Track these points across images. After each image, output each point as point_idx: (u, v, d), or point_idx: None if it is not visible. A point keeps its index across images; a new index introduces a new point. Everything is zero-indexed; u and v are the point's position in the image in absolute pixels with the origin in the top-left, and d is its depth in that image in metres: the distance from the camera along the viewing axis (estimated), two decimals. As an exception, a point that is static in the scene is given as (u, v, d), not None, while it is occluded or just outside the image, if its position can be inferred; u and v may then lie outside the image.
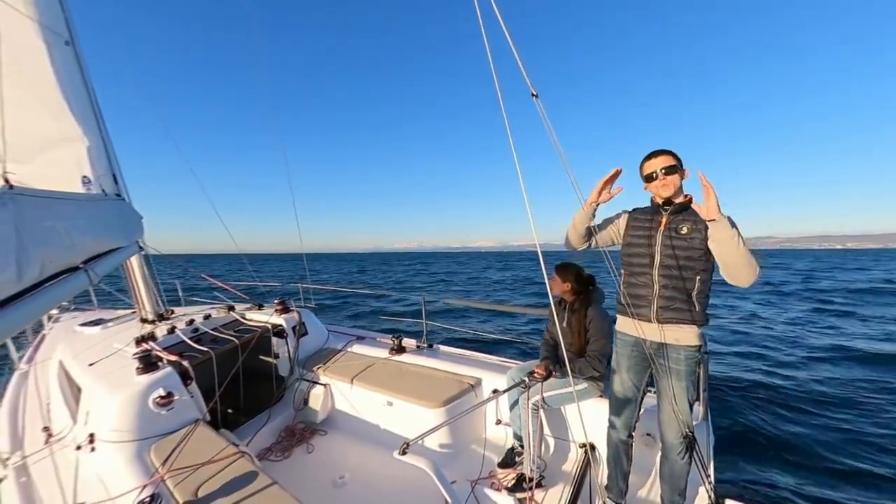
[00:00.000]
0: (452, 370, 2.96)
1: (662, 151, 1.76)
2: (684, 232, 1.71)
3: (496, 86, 1.20)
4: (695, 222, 1.70)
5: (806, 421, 4.91)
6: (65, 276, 1.66)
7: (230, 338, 2.81)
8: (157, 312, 3.33)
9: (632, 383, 1.89)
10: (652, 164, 1.77)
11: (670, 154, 1.74)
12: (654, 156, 1.77)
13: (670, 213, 1.77)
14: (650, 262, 1.78)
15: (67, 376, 2.50)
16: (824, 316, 11.56)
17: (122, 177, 2.98)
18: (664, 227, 1.76)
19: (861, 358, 7.24)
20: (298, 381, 3.11)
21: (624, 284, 1.89)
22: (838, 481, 3.64)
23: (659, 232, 1.77)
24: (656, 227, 1.80)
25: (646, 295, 1.79)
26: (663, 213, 1.80)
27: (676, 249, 1.72)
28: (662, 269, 1.75)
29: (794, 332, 9.45)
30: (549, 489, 2.22)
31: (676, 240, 1.72)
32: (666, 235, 1.74)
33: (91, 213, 2.14)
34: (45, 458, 2.02)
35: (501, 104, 1.21)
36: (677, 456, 1.80)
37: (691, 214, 1.73)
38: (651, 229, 1.81)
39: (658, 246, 1.76)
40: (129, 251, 2.55)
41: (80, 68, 2.65)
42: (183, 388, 2.19)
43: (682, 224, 1.73)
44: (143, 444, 1.89)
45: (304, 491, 2.21)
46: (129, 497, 1.55)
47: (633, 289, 1.84)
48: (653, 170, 1.76)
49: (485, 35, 1.22)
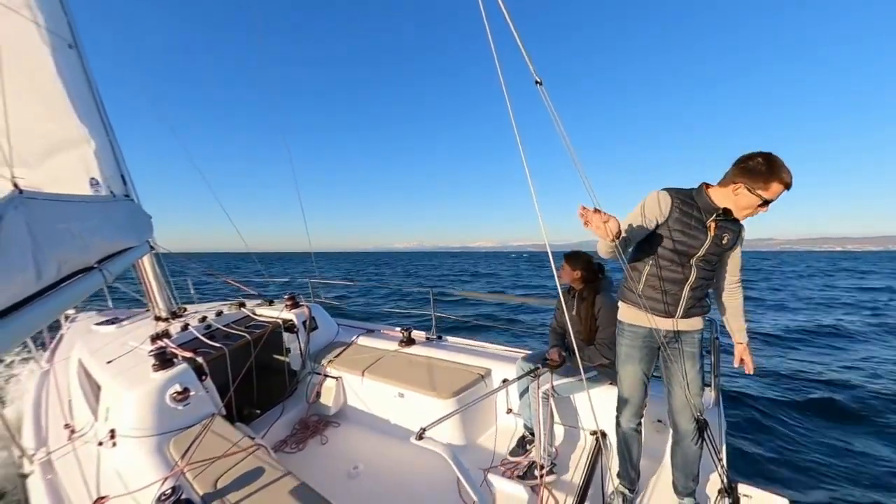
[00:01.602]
0: (462, 361, 2.98)
1: (791, 180, 1.48)
2: (724, 242, 1.67)
3: (498, 73, 1.19)
4: (733, 231, 1.68)
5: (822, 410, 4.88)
6: (80, 276, 1.70)
7: (242, 334, 2.85)
8: (170, 310, 3.39)
9: (642, 373, 1.88)
10: (780, 192, 1.49)
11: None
12: (788, 185, 1.47)
13: (721, 221, 1.66)
14: (688, 263, 1.70)
15: (87, 374, 2.56)
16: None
17: (130, 178, 3.02)
18: (713, 235, 1.66)
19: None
20: (310, 375, 3.16)
21: (649, 276, 1.77)
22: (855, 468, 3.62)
23: (708, 238, 1.65)
24: (703, 230, 1.65)
25: (675, 292, 1.73)
26: (714, 218, 1.64)
27: (714, 256, 1.70)
28: (700, 272, 1.70)
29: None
30: (560, 476, 2.24)
31: (718, 247, 1.68)
32: (713, 242, 1.66)
33: (101, 214, 2.18)
34: (68, 453, 2.09)
35: (505, 91, 1.19)
36: (690, 442, 1.80)
37: (730, 223, 1.67)
38: (698, 230, 1.65)
39: (703, 251, 1.67)
40: (140, 251, 2.59)
41: (84, 71, 2.67)
42: (198, 383, 2.23)
43: (726, 233, 1.66)
44: (163, 438, 1.94)
45: (320, 481, 2.26)
46: (151, 490, 1.59)
47: (660, 283, 1.75)
48: (773, 200, 1.51)
49: (486, 21, 1.20)
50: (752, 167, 1.47)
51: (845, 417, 4.54)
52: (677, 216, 1.65)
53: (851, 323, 9.76)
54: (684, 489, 1.89)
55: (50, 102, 2.46)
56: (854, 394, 5.06)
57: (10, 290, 1.20)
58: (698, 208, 1.64)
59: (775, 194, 1.48)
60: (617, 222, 1.35)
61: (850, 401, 4.84)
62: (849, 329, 8.96)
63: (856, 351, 7.29)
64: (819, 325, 9.36)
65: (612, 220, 1.33)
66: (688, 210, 1.65)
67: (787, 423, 4.44)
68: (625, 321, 1.90)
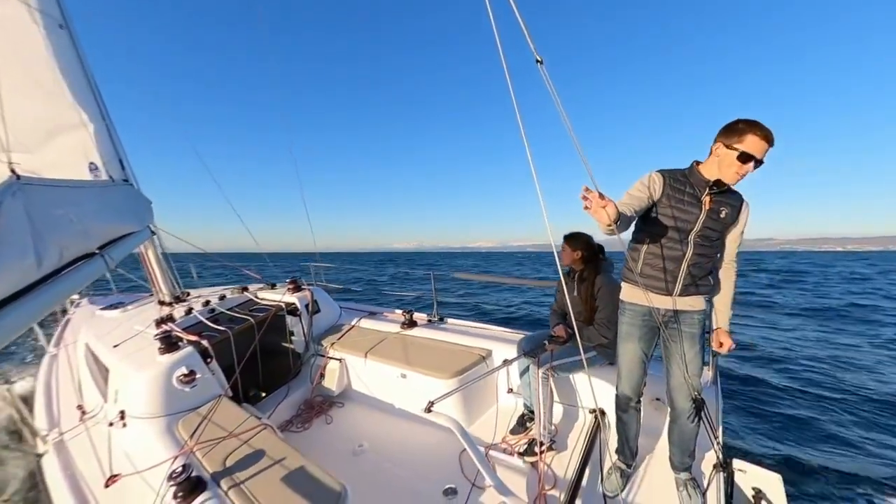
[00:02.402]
0: (463, 343, 3.01)
1: (773, 137, 1.47)
2: (723, 216, 1.67)
3: (500, 53, 1.16)
4: (732, 206, 1.67)
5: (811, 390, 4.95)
6: (83, 262, 1.71)
7: (246, 317, 2.88)
8: (174, 294, 3.42)
9: (641, 351, 1.90)
10: (761, 147, 1.48)
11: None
12: (768, 139, 1.47)
13: (716, 195, 1.66)
14: (685, 240, 1.70)
15: (94, 357, 2.61)
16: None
17: (128, 162, 3.00)
18: (709, 209, 1.66)
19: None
20: (314, 357, 3.20)
21: (647, 254, 1.79)
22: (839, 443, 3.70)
23: (703, 212, 1.67)
24: (698, 205, 1.66)
25: (672, 269, 1.74)
26: (708, 193, 1.65)
27: (712, 231, 1.69)
28: (697, 248, 1.70)
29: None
30: (559, 453, 2.30)
31: (715, 222, 1.67)
32: (709, 217, 1.66)
33: (101, 199, 2.17)
34: (80, 434, 2.15)
35: (506, 69, 1.17)
36: (687, 419, 1.84)
37: (728, 197, 1.67)
38: (692, 205, 1.67)
39: (698, 226, 1.67)
40: (142, 236, 2.60)
41: (76, 52, 2.61)
42: (204, 366, 2.27)
43: (723, 207, 1.66)
44: (172, 419, 1.99)
45: (326, 459, 2.32)
46: (161, 469, 1.64)
47: (658, 261, 1.76)
48: (755, 154, 1.49)
49: (488, 2, 1.17)
50: (729, 125, 1.53)
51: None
52: (670, 193, 1.68)
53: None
54: (681, 464, 1.94)
55: (45, 85, 2.41)
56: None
57: (12, 277, 1.21)
58: (691, 184, 1.68)
59: (752, 146, 1.48)
60: (615, 207, 1.34)
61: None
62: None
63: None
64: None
65: (610, 205, 1.32)
66: (680, 187, 1.68)
67: (783, 404, 4.52)
68: (626, 300, 1.93)
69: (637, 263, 1.82)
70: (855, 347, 6.91)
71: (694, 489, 1.86)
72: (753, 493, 1.96)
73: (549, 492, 1.98)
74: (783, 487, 1.91)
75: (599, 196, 1.30)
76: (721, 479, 1.88)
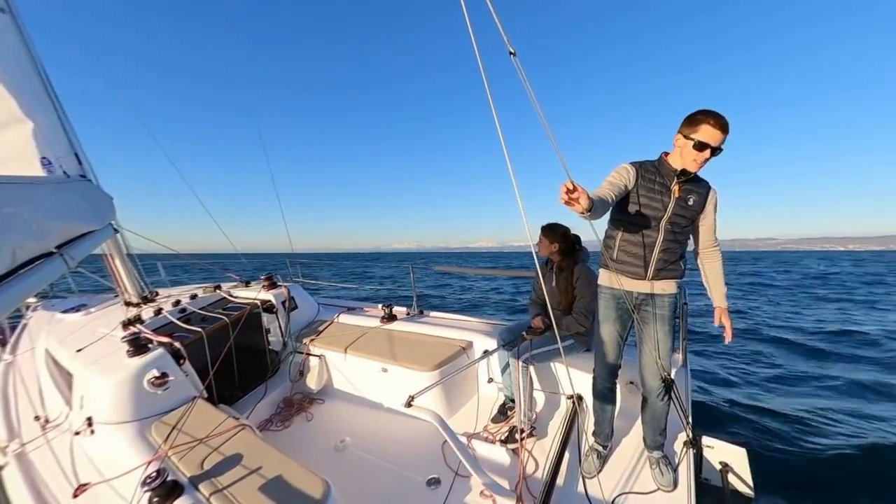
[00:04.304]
0: (444, 335, 3.03)
1: (727, 126, 1.56)
2: (691, 203, 1.75)
3: (473, 45, 1.15)
4: (699, 194, 1.76)
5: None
6: (40, 263, 1.61)
7: (219, 316, 2.80)
8: (142, 295, 3.27)
9: (617, 333, 1.98)
10: (714, 135, 1.57)
11: (728, 134, 1.59)
12: (721, 127, 1.56)
13: (684, 183, 1.74)
14: (656, 226, 1.78)
15: (56, 363, 2.47)
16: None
17: (85, 157, 2.83)
18: (677, 197, 1.74)
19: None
20: (293, 355, 3.15)
21: (621, 241, 1.87)
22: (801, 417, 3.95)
23: (672, 200, 1.74)
24: (668, 193, 1.75)
25: (644, 255, 1.82)
26: (677, 181, 1.74)
27: (681, 218, 1.77)
28: (667, 234, 1.78)
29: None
30: (539, 439, 2.36)
31: (684, 209, 1.76)
32: (678, 204, 1.75)
33: (55, 196, 2.04)
34: (43, 444, 2.04)
35: (480, 62, 1.17)
36: (657, 398, 1.92)
37: (696, 185, 1.76)
38: (662, 194, 1.75)
39: (668, 213, 1.75)
40: (104, 234, 2.47)
41: (22, 39, 2.43)
42: (177, 367, 2.19)
43: (691, 195, 1.75)
44: (144, 423, 1.91)
45: (308, 456, 2.30)
46: (134, 475, 1.58)
47: (632, 247, 1.84)
48: (710, 143, 1.58)
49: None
50: (687, 117, 1.64)
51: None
52: (641, 182, 1.77)
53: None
54: (653, 443, 2.03)
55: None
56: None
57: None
58: (661, 174, 1.77)
59: (707, 136, 1.57)
60: (587, 197, 1.38)
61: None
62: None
63: None
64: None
65: (583, 196, 1.35)
66: (650, 177, 1.77)
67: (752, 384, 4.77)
68: (603, 284, 2.01)
69: (612, 251, 1.90)
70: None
71: (666, 466, 1.95)
72: (721, 466, 2.08)
73: (531, 476, 2.03)
74: (748, 460, 2.04)
75: (573, 188, 1.33)
76: (691, 456, 1.98)
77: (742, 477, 2.04)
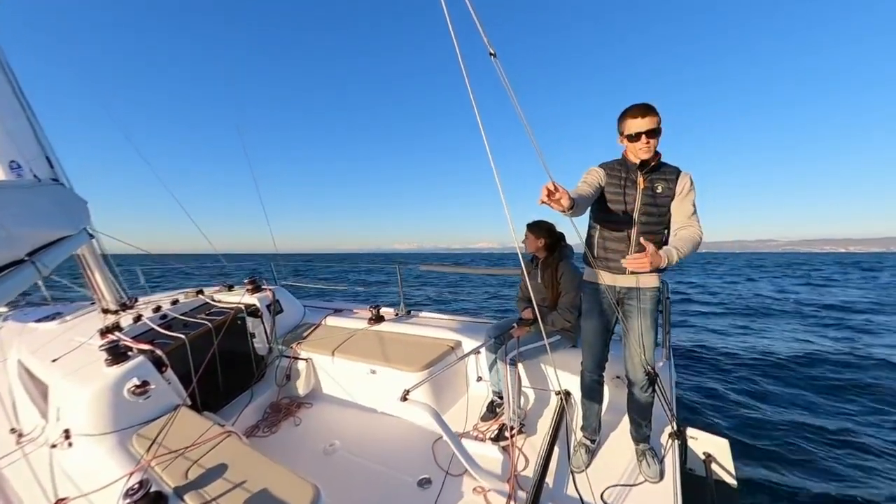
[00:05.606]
0: (432, 335, 3.03)
1: (648, 109, 1.66)
2: (660, 191, 1.79)
3: (455, 46, 1.15)
4: (667, 181, 1.79)
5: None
6: (10, 271, 1.55)
7: (202, 321, 2.73)
8: (120, 302, 3.17)
9: (602, 327, 2.01)
10: (638, 123, 1.68)
11: (656, 114, 1.67)
12: (640, 114, 1.67)
13: (646, 173, 1.79)
14: (629, 220, 1.82)
15: (30, 374, 2.38)
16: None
17: (57, 160, 2.73)
18: (643, 188, 1.79)
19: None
20: (279, 359, 3.10)
21: (599, 238, 1.93)
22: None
23: (638, 192, 1.79)
24: (634, 186, 1.80)
25: (622, 250, 1.86)
26: (640, 174, 1.79)
27: (652, 208, 1.80)
28: (641, 227, 1.82)
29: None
30: (529, 436, 2.38)
31: (652, 198, 1.79)
32: (645, 195, 1.79)
33: (25, 200, 1.97)
34: (18, 459, 1.96)
35: (461, 61, 1.16)
36: (641, 391, 1.96)
37: (663, 173, 1.79)
38: (627, 188, 1.81)
39: (637, 205, 1.80)
40: (78, 240, 2.39)
41: (-14, 37, 2.33)
42: (158, 375, 2.13)
43: (658, 183, 1.78)
44: (125, 433, 1.86)
45: (296, 461, 2.27)
46: (115, 487, 1.53)
47: (609, 243, 1.90)
48: (638, 130, 1.68)
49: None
50: (617, 119, 1.79)
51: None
52: (609, 180, 1.86)
53: None
54: (639, 436, 2.07)
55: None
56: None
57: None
58: (626, 169, 1.84)
59: (632, 127, 1.70)
60: (568, 197, 1.41)
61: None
62: None
63: None
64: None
65: (564, 196, 1.38)
66: (616, 174, 1.85)
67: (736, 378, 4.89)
68: (587, 280, 2.06)
69: (594, 248, 1.96)
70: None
71: (652, 458, 1.99)
72: (704, 457, 2.13)
73: (521, 473, 2.05)
74: (730, 451, 2.10)
75: (554, 188, 1.35)
76: (676, 447, 2.02)
77: (725, 467, 2.10)
